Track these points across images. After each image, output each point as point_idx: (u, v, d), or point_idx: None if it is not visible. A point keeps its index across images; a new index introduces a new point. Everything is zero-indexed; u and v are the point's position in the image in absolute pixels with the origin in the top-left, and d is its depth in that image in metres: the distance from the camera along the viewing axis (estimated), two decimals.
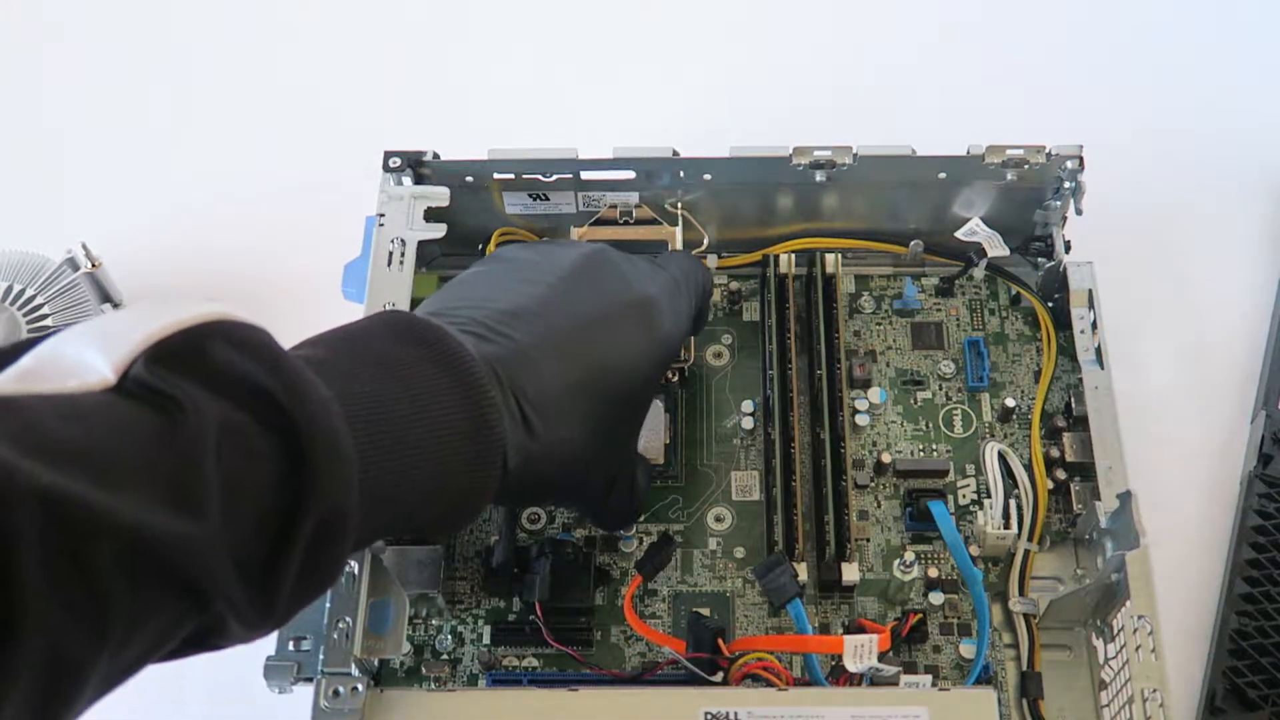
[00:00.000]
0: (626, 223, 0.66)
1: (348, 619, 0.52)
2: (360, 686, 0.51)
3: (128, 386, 0.35)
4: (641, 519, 0.62)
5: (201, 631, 0.36)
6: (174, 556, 0.33)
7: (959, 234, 0.66)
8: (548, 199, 0.66)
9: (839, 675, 0.54)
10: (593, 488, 0.53)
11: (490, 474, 0.44)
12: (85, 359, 0.35)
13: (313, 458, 0.36)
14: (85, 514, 0.31)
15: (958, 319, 0.68)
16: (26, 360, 0.35)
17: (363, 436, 0.39)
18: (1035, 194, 0.66)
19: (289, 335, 0.42)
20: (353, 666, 0.52)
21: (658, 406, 0.62)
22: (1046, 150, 0.63)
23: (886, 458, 0.63)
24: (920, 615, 0.58)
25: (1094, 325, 0.62)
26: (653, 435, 0.60)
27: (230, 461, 0.35)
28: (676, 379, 0.65)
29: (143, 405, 0.35)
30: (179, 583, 0.34)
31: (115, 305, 0.73)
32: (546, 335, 0.47)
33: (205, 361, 0.36)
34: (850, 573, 0.59)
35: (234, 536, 0.34)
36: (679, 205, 0.66)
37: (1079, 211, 0.63)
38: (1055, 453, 0.62)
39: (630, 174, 0.65)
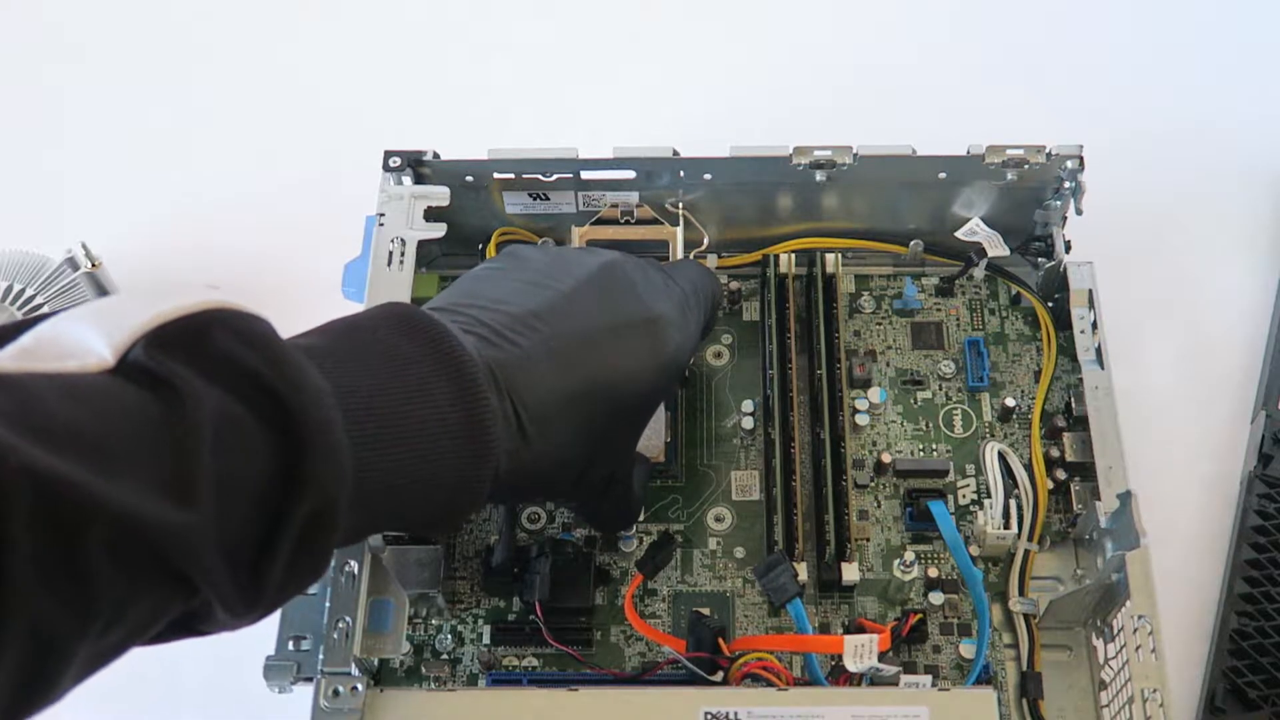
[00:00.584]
0: (627, 222, 0.66)
1: (348, 619, 0.52)
2: (360, 686, 0.51)
3: (126, 370, 0.35)
4: (641, 519, 0.62)
5: (188, 616, 0.36)
6: (164, 545, 0.33)
7: (959, 234, 0.67)
8: (548, 199, 0.66)
9: (839, 675, 0.54)
10: (586, 490, 0.53)
11: (482, 477, 0.44)
12: (85, 340, 0.35)
13: (307, 450, 0.36)
14: (77, 498, 0.31)
15: (958, 319, 0.68)
16: (26, 339, 0.35)
17: (356, 430, 0.39)
18: (1035, 194, 0.66)
19: (289, 335, 0.42)
20: (353, 666, 0.52)
21: (660, 409, 0.62)
22: (1046, 150, 0.63)
23: (886, 458, 0.63)
24: (920, 615, 0.58)
25: (1094, 325, 0.62)
26: (653, 434, 0.60)
27: (225, 452, 0.35)
28: None
29: (141, 390, 0.35)
30: (167, 570, 0.34)
31: None
32: (550, 344, 0.47)
33: (205, 349, 0.36)
34: (850, 573, 0.59)
35: (225, 526, 0.34)
36: (679, 205, 0.66)
37: (1079, 211, 0.63)
38: (1055, 453, 0.62)
39: (630, 174, 0.65)
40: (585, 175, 0.65)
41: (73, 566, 0.31)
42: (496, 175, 0.65)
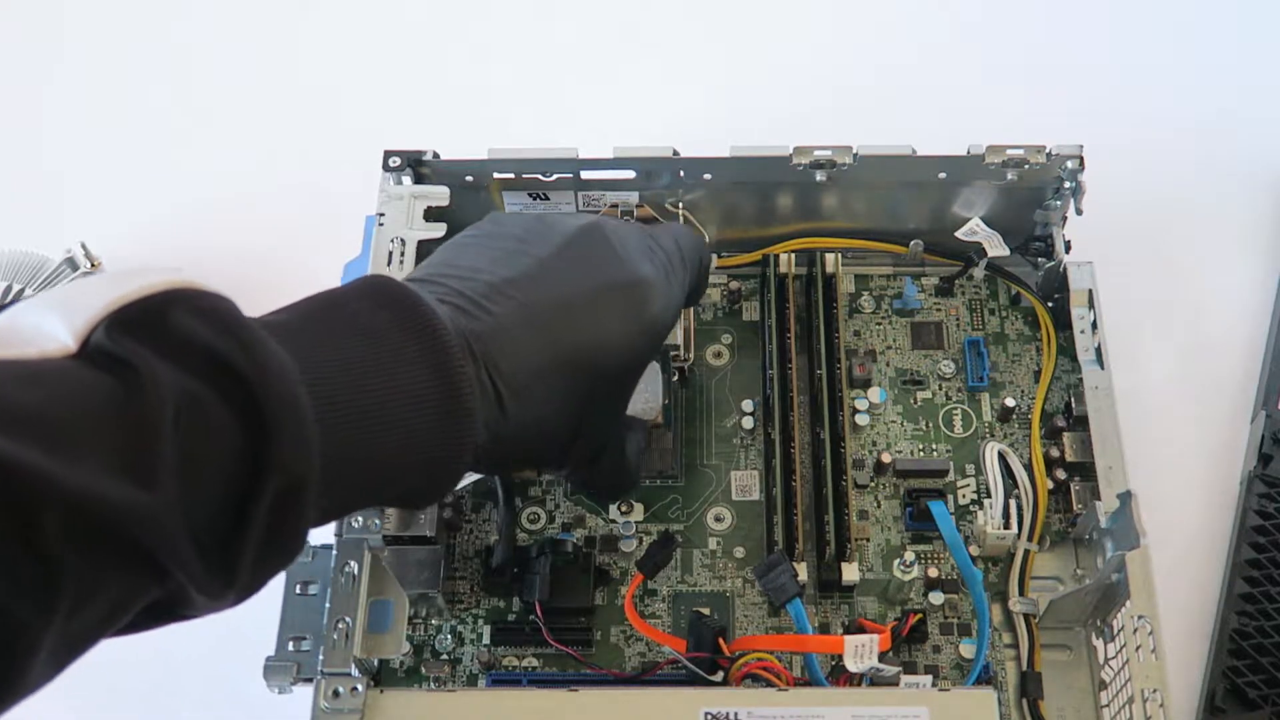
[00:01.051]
0: (627, 221, 0.66)
1: (348, 619, 0.53)
2: (360, 686, 0.51)
3: (88, 354, 0.35)
4: (641, 519, 0.62)
5: (164, 602, 0.36)
6: (124, 525, 0.32)
7: (959, 234, 0.67)
8: (548, 199, 0.66)
9: (839, 675, 0.54)
10: (576, 460, 0.51)
11: (461, 449, 0.43)
12: (47, 327, 0.35)
13: (272, 427, 0.35)
14: (32, 481, 0.31)
15: (958, 319, 0.68)
16: None
17: (325, 405, 0.38)
18: (1035, 194, 0.66)
19: None
20: (352, 666, 0.52)
21: (654, 369, 0.60)
22: (1046, 150, 0.63)
23: (886, 457, 0.63)
24: (920, 615, 0.58)
25: (1094, 325, 0.62)
26: (650, 395, 0.59)
27: (187, 432, 0.34)
28: (676, 379, 0.65)
29: (101, 372, 0.34)
30: (131, 551, 0.33)
31: None
32: (528, 312, 0.46)
33: (166, 329, 0.36)
34: (850, 573, 0.59)
35: (190, 506, 0.34)
36: (679, 205, 0.66)
37: (1079, 211, 0.63)
38: (1055, 453, 0.62)
39: (630, 174, 0.65)
40: (585, 175, 0.65)
41: (33, 550, 0.31)
42: (496, 175, 0.65)
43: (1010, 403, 0.64)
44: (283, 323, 0.40)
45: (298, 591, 0.55)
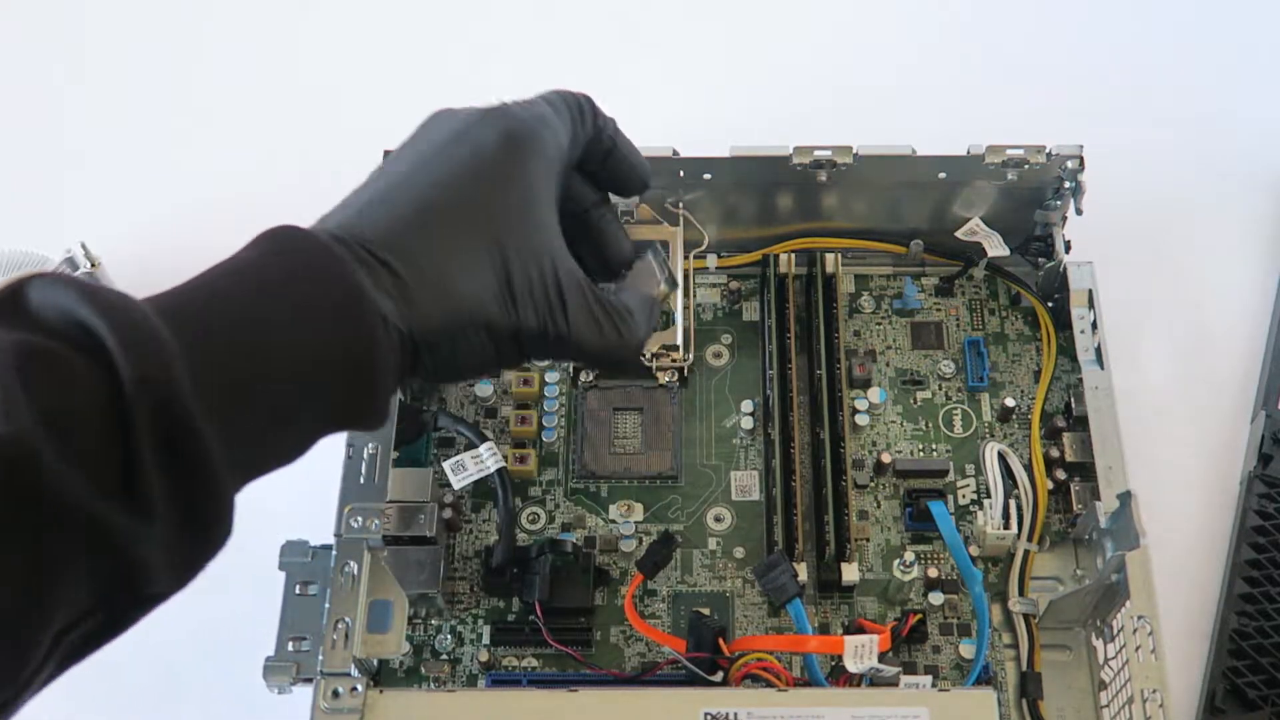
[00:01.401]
0: (627, 222, 0.66)
1: (347, 619, 0.53)
2: (360, 687, 0.51)
3: None
4: (640, 519, 0.62)
5: (118, 574, 0.36)
6: (10, 470, 0.33)
7: (959, 234, 0.67)
8: None
9: (839, 675, 0.54)
10: (534, 330, 0.47)
11: (364, 328, 0.42)
12: None
13: (116, 349, 0.36)
14: None
15: (958, 319, 0.68)
16: None
17: (182, 324, 0.38)
18: (1035, 194, 0.66)
19: None
20: (352, 667, 0.52)
21: (648, 261, 0.55)
22: (1046, 150, 0.63)
23: (886, 458, 0.63)
24: (920, 615, 0.58)
25: (1094, 325, 0.62)
26: (645, 272, 0.54)
27: (40, 385, 0.34)
28: (676, 379, 0.65)
29: None
30: (19, 500, 0.33)
31: None
32: (386, 185, 0.47)
33: (16, 307, 0.37)
34: (850, 573, 0.59)
35: (70, 452, 0.34)
36: (679, 205, 0.66)
37: (1079, 211, 0.63)
38: (1055, 453, 0.62)
39: None
40: None
41: None
42: None
43: (1010, 403, 0.64)
44: (168, 289, 0.41)
45: (297, 591, 0.55)
